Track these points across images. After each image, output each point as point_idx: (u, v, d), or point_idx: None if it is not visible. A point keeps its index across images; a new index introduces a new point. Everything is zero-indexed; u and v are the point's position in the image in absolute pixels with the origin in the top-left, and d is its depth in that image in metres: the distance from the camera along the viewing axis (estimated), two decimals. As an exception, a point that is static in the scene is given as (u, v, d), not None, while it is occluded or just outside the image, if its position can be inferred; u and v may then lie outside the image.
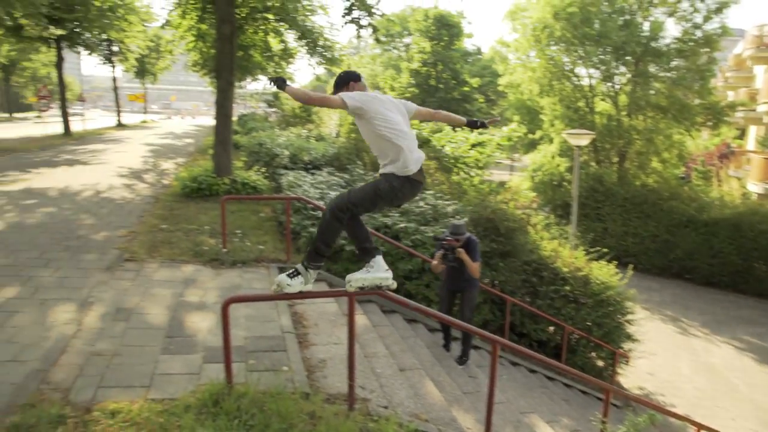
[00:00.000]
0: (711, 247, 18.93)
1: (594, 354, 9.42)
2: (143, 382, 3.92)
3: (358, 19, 12.11)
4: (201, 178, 11.32)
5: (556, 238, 10.85)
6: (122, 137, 31.81)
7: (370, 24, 12.22)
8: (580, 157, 15.39)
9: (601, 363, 9.51)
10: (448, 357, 6.91)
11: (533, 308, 8.73)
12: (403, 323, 7.26)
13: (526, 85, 25.64)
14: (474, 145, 17.60)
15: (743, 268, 18.50)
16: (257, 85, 36.50)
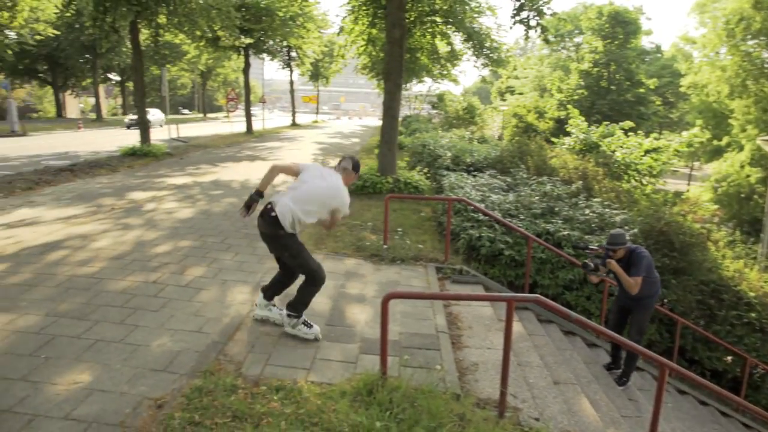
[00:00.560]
0: None
1: (783, 393, 8.28)
2: (304, 365, 4.16)
3: (527, 19, 11.71)
4: (366, 176, 11.84)
5: (742, 257, 9.75)
6: (296, 136, 34.33)
7: (539, 24, 11.76)
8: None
9: (792, 404, 8.33)
10: (606, 375, 6.48)
11: (708, 333, 7.88)
12: (560, 334, 6.96)
13: (714, 85, 23.30)
14: (648, 151, 16.33)
15: None
16: (422, 87, 37.22)
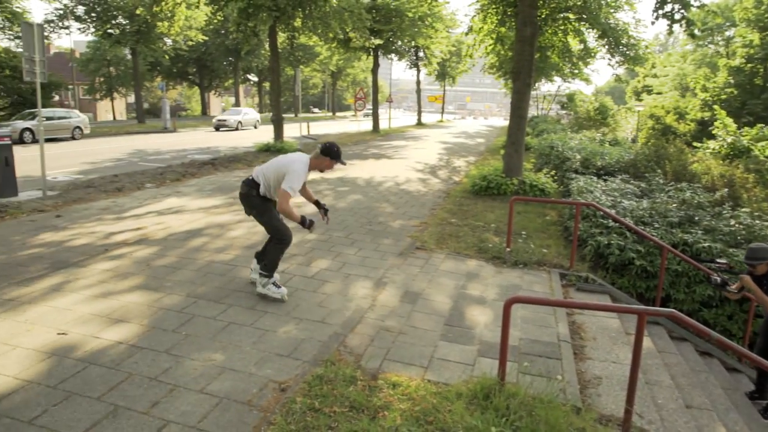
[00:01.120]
0: None
1: None
2: (422, 363, 4.18)
3: (671, 12, 10.86)
4: (490, 177, 11.71)
5: None
6: (421, 135, 34.63)
7: (684, 17, 10.84)
8: None
9: None
10: (749, 405, 5.85)
11: None
12: (695, 355, 6.41)
13: None
14: (813, 158, 14.54)
15: None
16: (551, 86, 35.95)
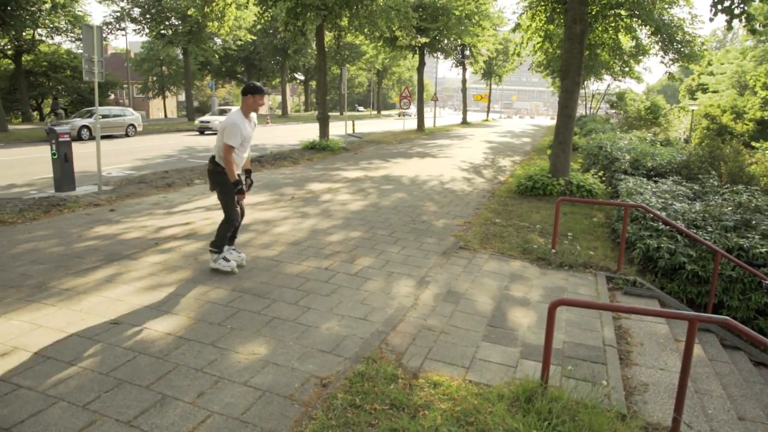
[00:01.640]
0: None
1: None
2: (464, 363, 4.16)
3: (731, 7, 10.44)
4: (536, 177, 11.55)
5: None
6: (466, 134, 34.42)
7: (744, 12, 10.40)
8: None
9: None
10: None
11: None
12: (749, 365, 6.16)
13: None
14: None
15: None
16: (600, 85, 35.12)
